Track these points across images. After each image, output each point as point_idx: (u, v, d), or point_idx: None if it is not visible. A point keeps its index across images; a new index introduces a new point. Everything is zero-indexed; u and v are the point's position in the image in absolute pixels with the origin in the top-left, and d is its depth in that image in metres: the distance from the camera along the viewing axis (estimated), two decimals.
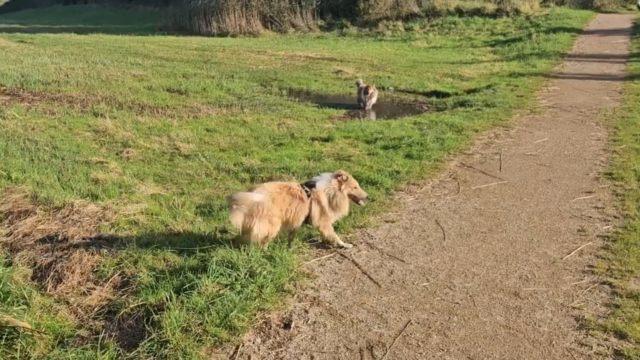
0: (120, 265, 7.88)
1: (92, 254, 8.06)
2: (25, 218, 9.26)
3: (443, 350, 6.19)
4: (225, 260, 7.62)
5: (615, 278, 7.75)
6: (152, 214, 9.80)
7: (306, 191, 8.40)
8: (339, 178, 8.52)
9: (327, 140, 14.98)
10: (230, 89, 23.00)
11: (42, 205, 9.88)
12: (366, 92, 20.18)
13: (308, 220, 8.47)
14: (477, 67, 28.65)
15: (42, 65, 27.73)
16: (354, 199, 8.67)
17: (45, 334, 6.09)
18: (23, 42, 41.24)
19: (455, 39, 40.64)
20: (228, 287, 7.10)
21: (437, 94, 22.65)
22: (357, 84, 21.10)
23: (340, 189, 8.47)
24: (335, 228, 9.18)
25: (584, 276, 7.86)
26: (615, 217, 9.90)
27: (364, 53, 35.19)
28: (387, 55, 34.35)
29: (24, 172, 11.73)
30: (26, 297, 6.74)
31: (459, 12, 46.18)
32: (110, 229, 9.09)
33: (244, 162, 12.95)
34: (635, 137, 14.80)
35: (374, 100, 20.42)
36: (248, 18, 48.79)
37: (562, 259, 8.40)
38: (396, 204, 10.59)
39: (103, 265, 7.87)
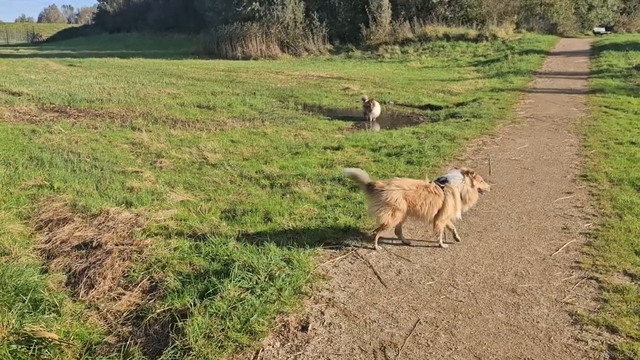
0: (149, 270, 7.25)
1: (124, 259, 7.42)
2: (64, 225, 8.56)
3: (451, 349, 5.59)
4: (247, 265, 6.99)
5: (601, 273, 7.24)
6: (181, 220, 9.16)
7: (441, 187, 8.00)
8: (470, 175, 8.11)
9: (337, 149, 14.41)
10: (253, 105, 22.43)
11: (80, 212, 9.24)
12: (370, 106, 19.78)
13: (439, 212, 7.99)
14: (463, 83, 28.21)
15: (87, 86, 27.26)
16: (480, 191, 8.26)
17: (72, 345, 5.43)
18: (72, 65, 40.82)
19: (444, 60, 40.22)
20: (249, 291, 6.46)
21: (431, 107, 22.22)
22: (363, 99, 20.64)
23: (472, 185, 8.09)
24: (347, 230, 8.67)
25: (572, 272, 7.33)
26: (594, 215, 9.40)
27: (367, 72, 34.81)
28: (387, 74, 33.91)
29: (66, 182, 11.12)
30: (57, 305, 6.10)
31: (447, 37, 46.01)
32: (141, 235, 8.43)
33: (264, 169, 12.34)
34: (602, 143, 14.39)
35: (377, 113, 19.94)
36: (268, 44, 48.60)
37: (551, 255, 7.86)
38: None
39: (133, 271, 7.25)
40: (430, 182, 8.14)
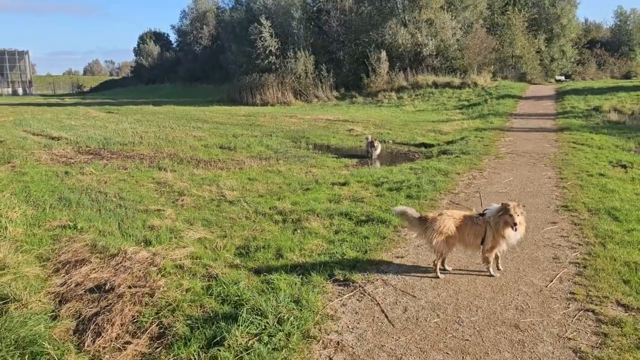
0: (159, 314, 6.18)
1: (135, 303, 6.32)
2: (81, 267, 7.44)
3: None
4: (256, 308, 5.92)
5: (596, 305, 6.38)
6: (196, 258, 8.13)
7: (483, 219, 7.29)
8: (503, 208, 7.10)
9: (344, 184, 13.51)
10: (269, 145, 21.61)
11: (99, 253, 8.16)
12: (372, 145, 19.24)
13: (483, 241, 7.31)
14: (451, 124, 27.66)
15: (122, 130, 26.55)
16: (508, 225, 7.04)
17: None
18: (111, 112, 40.24)
19: (434, 104, 39.76)
20: (257, 338, 5.40)
21: (425, 145, 21.54)
22: (366, 138, 20.06)
23: (500, 218, 7.11)
24: (354, 266, 7.70)
25: (569, 304, 6.44)
26: (579, 244, 8.60)
27: (369, 116, 34.20)
28: (385, 117, 33.30)
29: (90, 222, 10.07)
30: (57, 359, 5.02)
31: (435, 85, 45.82)
32: (157, 274, 7.36)
33: (277, 205, 11.36)
34: (576, 175, 13.77)
35: (378, 151, 19.35)
36: (283, 92, 48.47)
37: (546, 286, 6.98)
38: (403, 240, 9.01)
39: (143, 316, 6.17)
40: (474, 213, 7.49)
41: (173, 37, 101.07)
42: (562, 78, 59.93)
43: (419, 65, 48.55)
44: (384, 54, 47.10)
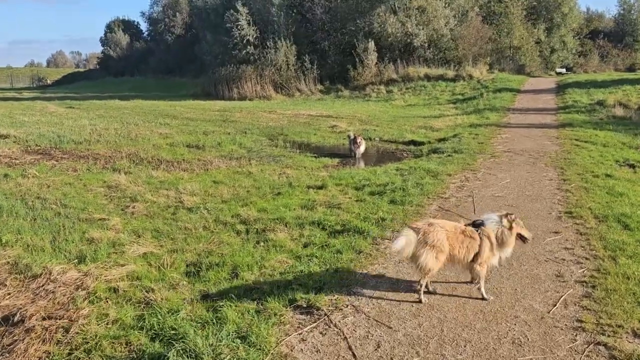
0: (71, 356, 5.35)
1: (44, 340, 5.46)
2: None
3: None
4: (188, 349, 5.11)
5: (608, 336, 5.67)
6: (136, 278, 7.35)
7: (477, 231, 6.79)
8: (508, 217, 6.78)
9: (320, 188, 12.86)
10: (242, 143, 20.93)
11: (18, 274, 7.36)
12: (355, 142, 18.64)
13: (476, 257, 6.74)
14: (444, 120, 27.19)
15: (80, 127, 25.60)
16: (521, 238, 6.93)
17: None
18: (71, 107, 39.33)
19: (426, 98, 39.55)
20: None
21: (414, 142, 21.10)
22: (349, 136, 19.53)
23: (510, 227, 6.74)
24: (320, 288, 6.93)
25: (576, 335, 5.74)
26: (586, 258, 7.95)
27: (355, 111, 33.69)
28: (373, 112, 32.85)
29: (19, 234, 9.23)
30: None
31: (427, 77, 45.60)
32: (83, 301, 6.54)
33: (241, 213, 10.61)
34: (580, 176, 13.24)
35: (362, 149, 18.76)
36: (262, 85, 47.77)
37: (549, 312, 6.28)
38: (382, 254, 8.30)
39: (51, 357, 5.34)
40: (466, 226, 6.99)
41: (144, 26, 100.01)
42: (563, 70, 60.01)
43: (410, 57, 48.20)
44: (372, 44, 46.60)
